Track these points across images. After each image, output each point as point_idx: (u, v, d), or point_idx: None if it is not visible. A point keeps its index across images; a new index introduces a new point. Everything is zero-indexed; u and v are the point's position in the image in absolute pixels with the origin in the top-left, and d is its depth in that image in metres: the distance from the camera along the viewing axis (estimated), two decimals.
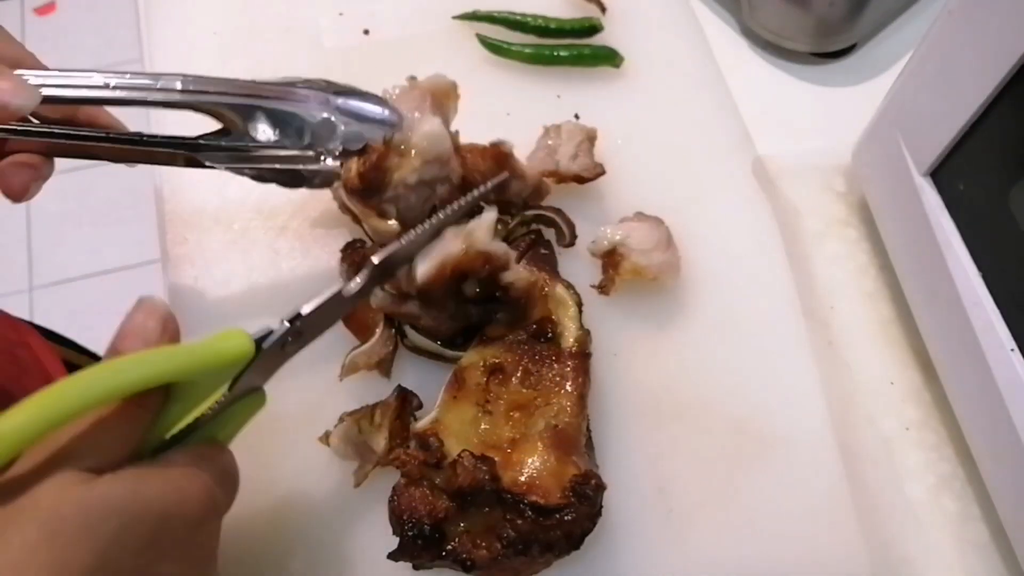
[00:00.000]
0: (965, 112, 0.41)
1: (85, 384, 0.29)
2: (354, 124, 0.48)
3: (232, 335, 0.34)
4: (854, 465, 0.48)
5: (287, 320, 0.37)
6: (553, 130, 0.55)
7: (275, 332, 0.36)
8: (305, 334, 0.38)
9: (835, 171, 0.57)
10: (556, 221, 0.53)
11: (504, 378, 0.45)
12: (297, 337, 0.38)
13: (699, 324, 0.52)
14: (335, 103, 0.48)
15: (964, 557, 0.46)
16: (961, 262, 0.43)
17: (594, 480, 0.41)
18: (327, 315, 0.40)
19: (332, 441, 0.46)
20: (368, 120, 0.48)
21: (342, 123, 0.48)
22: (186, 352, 0.33)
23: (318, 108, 0.48)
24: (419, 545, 0.40)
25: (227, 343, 0.34)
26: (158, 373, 0.31)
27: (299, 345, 0.39)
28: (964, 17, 0.41)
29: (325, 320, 0.40)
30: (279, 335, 0.37)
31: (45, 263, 1.64)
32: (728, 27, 0.65)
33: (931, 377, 0.50)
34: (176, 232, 0.55)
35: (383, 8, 0.64)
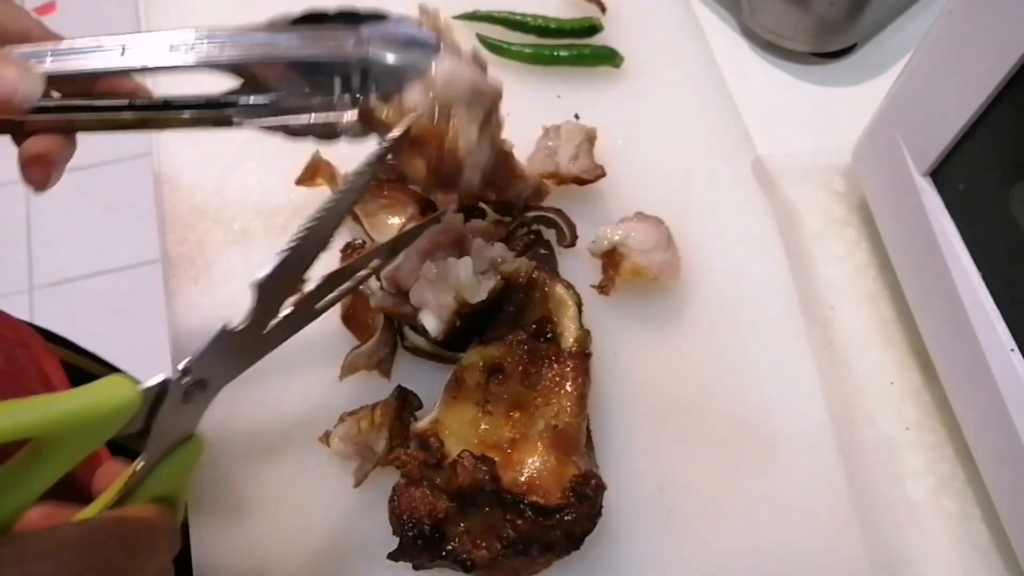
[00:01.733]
0: (965, 112, 0.41)
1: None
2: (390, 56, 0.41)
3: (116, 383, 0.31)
4: (854, 465, 0.48)
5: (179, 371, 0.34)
6: (553, 131, 0.55)
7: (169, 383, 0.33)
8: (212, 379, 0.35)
9: (835, 171, 0.57)
10: (556, 222, 0.53)
11: (504, 378, 0.45)
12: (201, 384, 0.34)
13: (699, 324, 0.52)
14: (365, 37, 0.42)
15: (964, 557, 0.46)
16: (961, 262, 0.43)
17: (594, 480, 0.41)
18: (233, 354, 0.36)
19: (332, 441, 0.46)
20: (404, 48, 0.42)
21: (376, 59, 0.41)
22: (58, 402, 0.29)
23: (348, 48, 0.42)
24: (419, 545, 0.40)
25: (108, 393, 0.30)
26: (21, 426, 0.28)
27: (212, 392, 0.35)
28: (964, 17, 0.41)
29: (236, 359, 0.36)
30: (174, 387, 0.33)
31: (45, 263, 1.64)
32: (728, 27, 0.65)
33: (931, 377, 0.50)
34: (176, 232, 0.55)
35: (383, 8, 0.64)
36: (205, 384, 0.35)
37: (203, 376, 0.35)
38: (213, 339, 0.35)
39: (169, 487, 0.35)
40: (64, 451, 0.30)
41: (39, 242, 1.67)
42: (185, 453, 0.35)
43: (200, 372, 0.34)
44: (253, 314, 0.36)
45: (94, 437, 0.30)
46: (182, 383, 0.34)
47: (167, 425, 0.33)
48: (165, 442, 0.34)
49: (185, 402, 0.34)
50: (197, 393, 0.35)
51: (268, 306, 0.37)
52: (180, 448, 0.35)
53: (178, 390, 0.34)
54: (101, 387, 0.30)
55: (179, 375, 0.34)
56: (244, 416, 0.49)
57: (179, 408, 0.34)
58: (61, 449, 0.30)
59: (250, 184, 0.57)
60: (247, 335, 0.36)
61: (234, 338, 0.36)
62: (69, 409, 0.29)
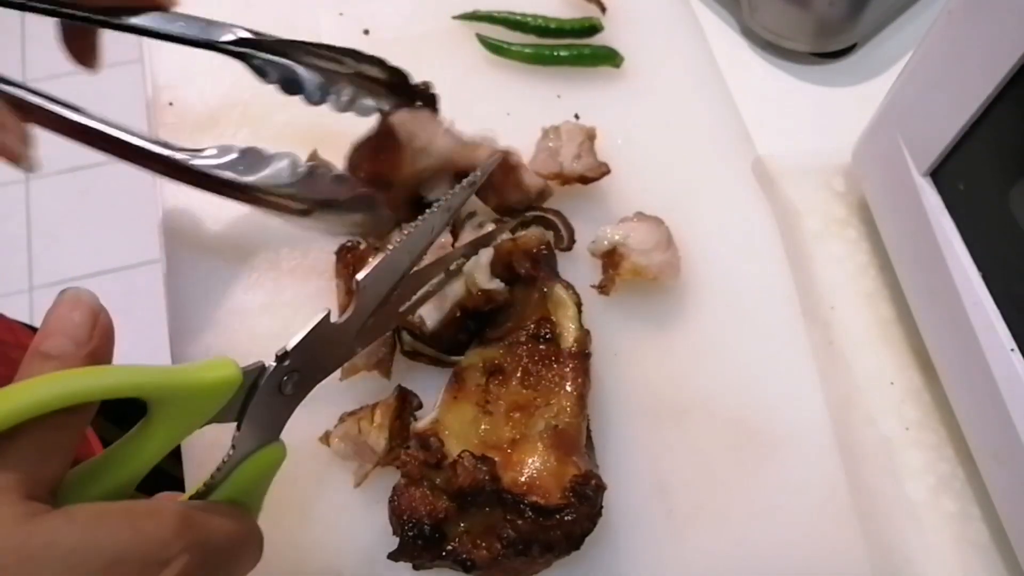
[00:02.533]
0: (965, 112, 0.41)
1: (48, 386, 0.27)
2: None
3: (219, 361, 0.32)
4: (854, 465, 0.48)
5: (277, 356, 0.35)
6: (552, 131, 0.55)
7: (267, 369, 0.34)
8: (304, 373, 0.36)
9: (835, 171, 0.57)
10: (555, 224, 0.53)
11: (504, 379, 0.45)
12: (294, 376, 0.35)
13: (699, 324, 0.52)
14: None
15: (964, 557, 0.46)
16: (961, 262, 0.43)
17: (594, 480, 0.41)
18: (325, 349, 0.37)
19: (332, 441, 0.46)
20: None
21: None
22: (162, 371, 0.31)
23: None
24: (419, 545, 0.40)
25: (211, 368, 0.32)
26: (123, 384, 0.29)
27: (303, 387, 0.36)
28: (964, 17, 0.41)
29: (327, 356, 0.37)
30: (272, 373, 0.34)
31: (45, 263, 1.64)
32: (728, 27, 0.65)
33: (931, 377, 0.50)
34: (175, 232, 0.55)
35: (383, 8, 0.64)
36: (299, 378, 0.35)
37: (298, 366, 0.35)
38: (314, 327, 0.35)
39: (247, 492, 0.35)
40: (171, 422, 0.31)
41: (39, 242, 1.67)
42: (267, 456, 0.35)
43: (296, 361, 0.35)
44: (353, 310, 0.37)
45: (199, 410, 0.32)
46: (280, 368, 0.34)
47: (258, 416, 0.34)
48: (252, 436, 0.34)
49: (280, 392, 0.35)
50: (290, 385, 0.35)
51: (365, 305, 0.38)
52: (263, 451, 0.35)
53: (275, 377, 0.34)
54: (207, 363, 0.32)
55: (278, 360, 0.34)
56: None
57: (272, 398, 0.34)
58: (168, 419, 0.31)
59: None
60: (344, 331, 0.37)
61: (331, 331, 0.37)
62: (179, 377, 0.31)
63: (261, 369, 0.34)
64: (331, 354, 0.38)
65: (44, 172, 1.88)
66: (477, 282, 0.46)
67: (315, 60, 0.49)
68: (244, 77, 0.49)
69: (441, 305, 0.46)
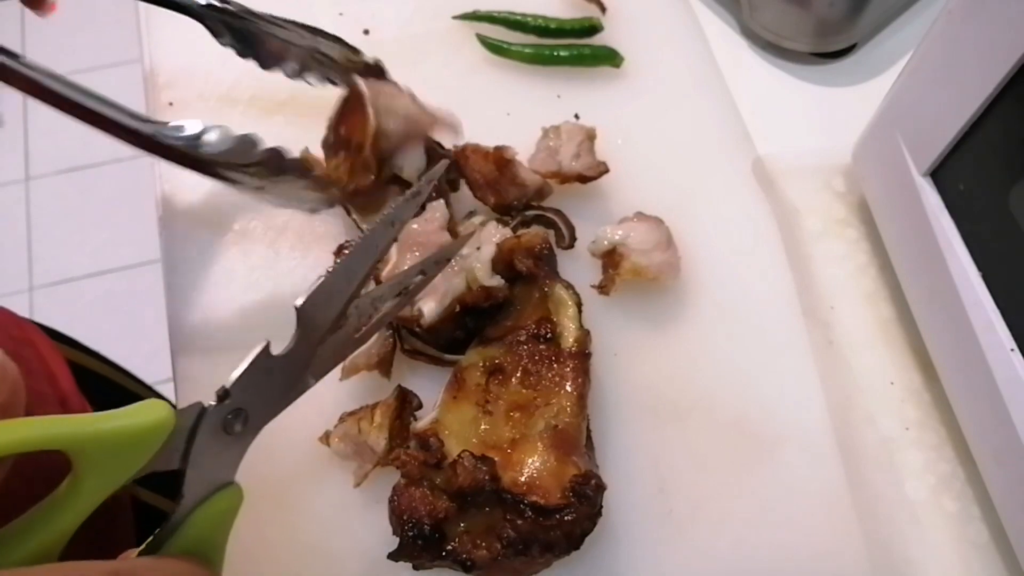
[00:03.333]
0: (965, 112, 0.41)
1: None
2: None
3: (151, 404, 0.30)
4: (854, 465, 0.48)
5: (217, 395, 0.32)
6: (552, 131, 0.55)
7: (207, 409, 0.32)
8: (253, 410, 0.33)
9: (835, 171, 0.57)
10: (556, 222, 0.53)
11: (504, 378, 0.45)
12: (241, 414, 0.33)
13: (699, 324, 0.52)
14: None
15: (964, 557, 0.46)
16: (961, 262, 0.43)
17: (594, 480, 0.41)
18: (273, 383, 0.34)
19: (332, 441, 0.46)
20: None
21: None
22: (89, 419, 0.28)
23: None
24: (419, 545, 0.40)
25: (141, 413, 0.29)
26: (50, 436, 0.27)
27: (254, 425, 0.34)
28: (964, 17, 0.41)
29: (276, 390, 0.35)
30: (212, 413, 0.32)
31: (45, 263, 1.65)
32: (728, 27, 0.65)
33: (931, 377, 0.50)
34: (176, 232, 0.55)
35: (383, 8, 0.64)
36: (246, 416, 0.33)
37: (243, 404, 0.33)
38: (252, 360, 0.33)
39: (205, 540, 0.33)
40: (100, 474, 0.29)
41: (39, 242, 1.67)
42: (223, 501, 0.33)
43: (240, 399, 0.33)
44: (296, 339, 0.35)
45: (130, 460, 0.30)
46: (221, 407, 0.32)
47: (205, 460, 0.32)
48: (203, 481, 0.32)
49: (226, 433, 0.33)
50: (237, 424, 0.33)
51: (310, 332, 0.35)
52: (218, 495, 0.33)
53: (217, 416, 0.32)
54: (135, 408, 0.30)
55: (218, 399, 0.32)
56: None
57: (218, 440, 0.32)
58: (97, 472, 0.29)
59: None
60: (290, 362, 0.35)
61: (275, 364, 0.34)
62: (105, 426, 0.29)
63: (200, 410, 0.32)
64: (280, 388, 0.35)
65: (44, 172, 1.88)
66: (477, 278, 0.46)
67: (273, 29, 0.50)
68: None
69: (441, 300, 0.46)
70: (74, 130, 0.45)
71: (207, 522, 0.32)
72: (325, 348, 0.36)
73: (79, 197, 1.67)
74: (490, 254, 0.46)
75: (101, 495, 0.30)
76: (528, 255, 0.47)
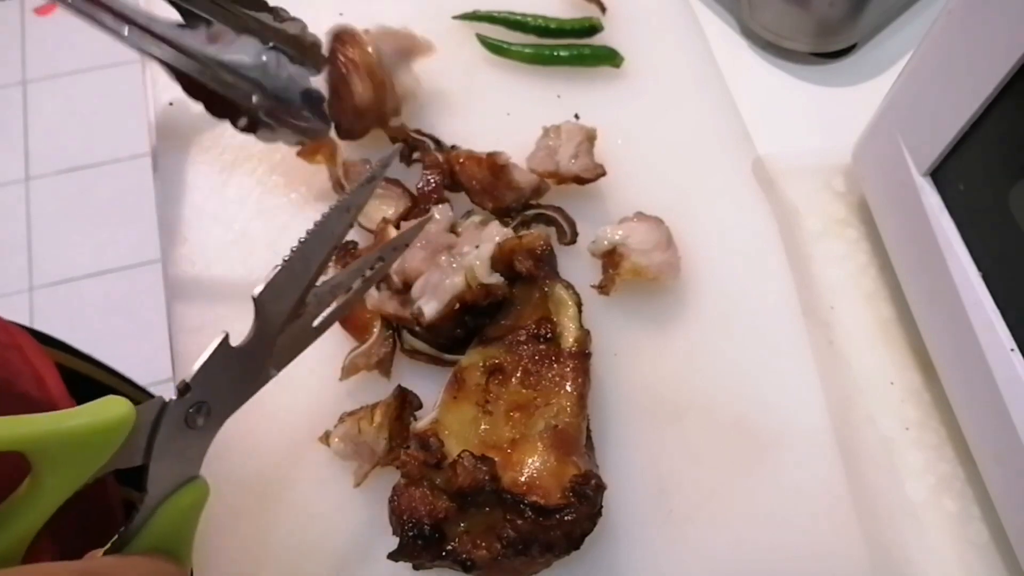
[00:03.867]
0: (965, 112, 0.41)
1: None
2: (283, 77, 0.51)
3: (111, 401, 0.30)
4: (854, 465, 0.48)
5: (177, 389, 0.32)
6: (553, 131, 0.55)
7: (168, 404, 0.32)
8: (215, 403, 0.33)
9: (835, 171, 0.57)
10: (556, 219, 0.53)
11: (504, 378, 0.45)
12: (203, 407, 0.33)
13: (699, 324, 0.52)
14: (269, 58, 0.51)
15: (964, 557, 0.46)
16: (961, 262, 0.43)
17: (594, 480, 0.41)
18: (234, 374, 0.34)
19: (332, 441, 0.46)
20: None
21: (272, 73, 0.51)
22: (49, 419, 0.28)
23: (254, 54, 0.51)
24: (419, 545, 0.40)
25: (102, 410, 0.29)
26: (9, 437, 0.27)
27: (217, 418, 0.34)
28: (964, 17, 0.41)
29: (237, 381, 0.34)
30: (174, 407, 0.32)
31: (45, 263, 1.65)
32: (728, 27, 0.65)
33: (931, 377, 0.50)
34: (176, 232, 0.55)
35: (383, 8, 0.64)
36: (208, 409, 0.33)
37: (204, 397, 0.33)
38: (212, 352, 0.33)
39: (171, 536, 0.33)
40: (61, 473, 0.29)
41: (39, 242, 1.67)
42: (188, 496, 0.33)
43: (201, 392, 0.33)
44: (254, 330, 0.35)
45: (90, 458, 0.29)
46: (182, 401, 0.32)
47: (169, 455, 0.32)
48: (167, 476, 0.32)
49: (189, 427, 0.33)
50: (200, 418, 0.33)
51: (269, 323, 0.35)
52: (183, 490, 0.33)
53: (179, 411, 0.32)
54: (96, 405, 0.29)
55: (178, 393, 0.32)
56: (244, 416, 0.49)
57: (181, 434, 0.32)
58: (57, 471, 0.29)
59: (250, 184, 0.57)
60: (249, 354, 0.35)
61: (235, 355, 0.34)
62: (62, 425, 0.28)
63: (162, 405, 0.32)
64: (242, 379, 0.35)
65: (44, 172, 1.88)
66: (477, 276, 0.46)
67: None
68: None
69: (440, 298, 0.46)
70: (74, 130, 0.45)
71: (173, 517, 0.32)
72: (284, 338, 0.36)
73: (79, 197, 1.68)
74: (489, 252, 0.46)
75: (63, 494, 0.29)
76: (528, 256, 0.47)
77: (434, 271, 0.47)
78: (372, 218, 0.52)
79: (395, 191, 0.53)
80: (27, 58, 1.85)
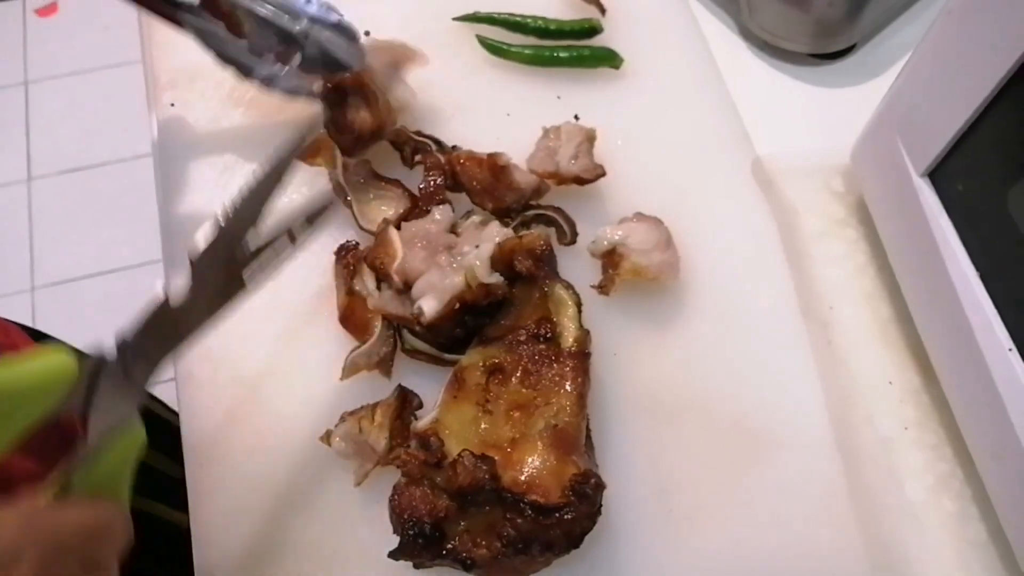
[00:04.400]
0: (964, 113, 0.41)
1: None
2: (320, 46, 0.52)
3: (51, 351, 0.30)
4: (853, 465, 0.49)
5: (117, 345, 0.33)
6: (553, 131, 0.55)
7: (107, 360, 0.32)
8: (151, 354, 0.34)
9: (834, 171, 0.57)
10: (556, 220, 0.53)
11: (504, 378, 0.45)
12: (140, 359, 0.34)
13: (698, 324, 0.52)
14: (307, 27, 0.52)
15: (962, 556, 0.46)
16: (959, 262, 0.43)
17: (594, 479, 0.41)
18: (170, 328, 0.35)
19: (333, 441, 0.46)
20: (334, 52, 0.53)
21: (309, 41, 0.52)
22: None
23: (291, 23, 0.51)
24: (420, 544, 0.40)
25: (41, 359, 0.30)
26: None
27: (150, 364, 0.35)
28: (963, 18, 0.41)
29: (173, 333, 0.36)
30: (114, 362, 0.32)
31: (47, 263, 1.65)
32: (727, 28, 0.66)
33: (930, 377, 0.50)
34: (177, 232, 0.56)
35: (384, 9, 0.64)
36: (144, 360, 0.34)
37: (140, 351, 0.34)
38: (151, 313, 0.34)
39: (110, 478, 0.34)
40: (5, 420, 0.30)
41: (41, 242, 1.67)
42: (125, 439, 0.34)
43: (138, 346, 0.34)
44: (190, 289, 0.36)
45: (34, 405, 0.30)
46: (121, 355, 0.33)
47: (106, 403, 0.33)
48: (105, 422, 0.33)
49: (126, 377, 0.33)
50: (137, 367, 0.34)
51: (202, 280, 0.37)
52: (120, 435, 0.34)
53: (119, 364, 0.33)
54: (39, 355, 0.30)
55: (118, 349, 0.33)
56: (245, 416, 0.49)
57: (118, 383, 0.33)
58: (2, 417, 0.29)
59: None
60: (185, 310, 0.36)
61: (171, 313, 0.35)
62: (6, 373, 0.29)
63: (101, 360, 0.33)
64: (176, 330, 0.36)
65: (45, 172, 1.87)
66: (477, 276, 0.46)
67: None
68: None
69: (440, 297, 0.46)
70: (76, 130, 0.46)
71: (112, 461, 0.33)
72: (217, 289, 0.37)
73: (81, 197, 1.68)
74: (489, 251, 0.46)
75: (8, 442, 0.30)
76: (528, 256, 0.48)
77: (434, 271, 0.47)
78: (372, 219, 0.52)
79: (395, 191, 0.54)
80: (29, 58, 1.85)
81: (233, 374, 0.50)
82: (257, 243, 0.39)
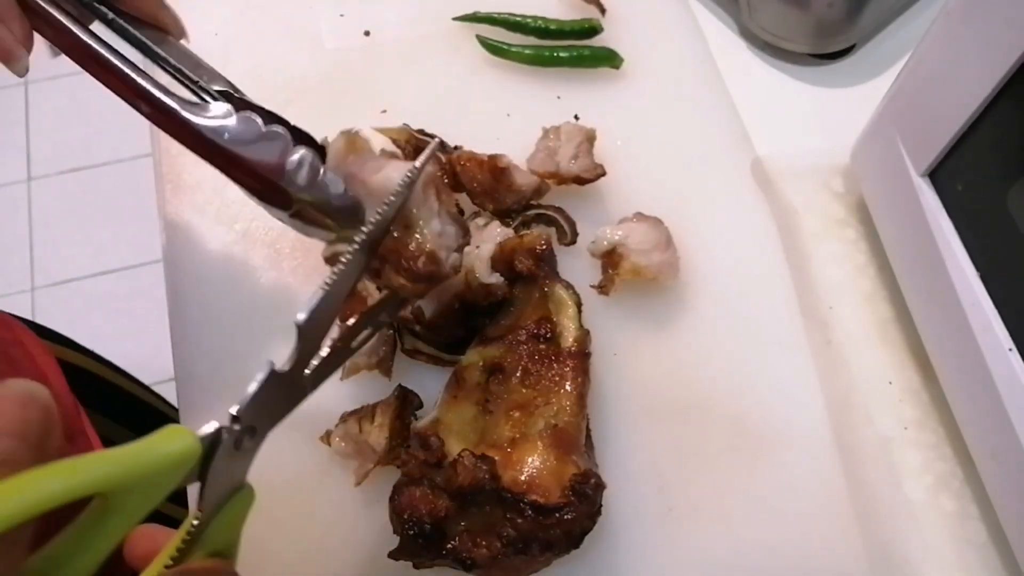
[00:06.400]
0: (964, 113, 0.41)
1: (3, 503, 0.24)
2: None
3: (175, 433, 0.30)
4: (852, 464, 0.49)
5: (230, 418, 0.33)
6: (552, 131, 0.55)
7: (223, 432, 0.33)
8: (260, 425, 0.35)
9: (834, 171, 0.57)
10: (557, 220, 0.53)
11: (504, 378, 0.45)
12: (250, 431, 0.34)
13: (698, 324, 0.52)
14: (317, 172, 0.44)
15: (962, 556, 0.46)
16: (959, 262, 0.43)
17: (594, 479, 0.41)
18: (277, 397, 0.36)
19: (333, 440, 0.46)
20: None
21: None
22: (122, 457, 0.28)
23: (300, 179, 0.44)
24: (420, 544, 0.41)
25: (169, 444, 0.30)
26: (89, 482, 0.26)
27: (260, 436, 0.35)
28: (963, 17, 0.41)
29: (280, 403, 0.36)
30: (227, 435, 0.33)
31: (47, 263, 1.65)
32: (727, 28, 0.66)
33: (929, 377, 0.50)
34: (177, 232, 0.56)
35: (384, 9, 0.64)
36: (254, 430, 0.35)
37: (252, 422, 0.34)
38: (261, 382, 0.34)
39: (224, 540, 0.34)
40: (129, 506, 0.29)
41: (41, 242, 1.67)
42: (237, 504, 0.34)
43: (249, 418, 0.34)
44: (296, 354, 0.36)
45: (158, 490, 0.30)
46: (234, 430, 0.33)
47: (221, 475, 0.33)
48: (219, 493, 0.33)
49: (236, 449, 0.34)
50: (247, 440, 0.34)
51: (308, 346, 0.37)
52: (232, 499, 0.34)
53: (230, 437, 0.33)
54: (162, 438, 0.30)
55: (231, 422, 0.33)
56: None
57: (231, 456, 0.34)
58: (126, 504, 0.29)
59: None
60: (291, 377, 0.36)
61: (279, 380, 0.35)
62: (134, 463, 0.29)
63: (218, 433, 0.33)
64: (283, 400, 0.37)
65: (46, 172, 1.87)
66: (477, 276, 0.46)
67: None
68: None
69: (440, 297, 0.46)
70: (76, 130, 0.46)
71: (225, 525, 0.34)
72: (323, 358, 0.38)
73: (81, 197, 1.68)
74: (489, 252, 0.47)
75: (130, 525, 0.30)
76: (528, 255, 0.48)
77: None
78: None
79: None
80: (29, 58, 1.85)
81: (233, 374, 0.50)
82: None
